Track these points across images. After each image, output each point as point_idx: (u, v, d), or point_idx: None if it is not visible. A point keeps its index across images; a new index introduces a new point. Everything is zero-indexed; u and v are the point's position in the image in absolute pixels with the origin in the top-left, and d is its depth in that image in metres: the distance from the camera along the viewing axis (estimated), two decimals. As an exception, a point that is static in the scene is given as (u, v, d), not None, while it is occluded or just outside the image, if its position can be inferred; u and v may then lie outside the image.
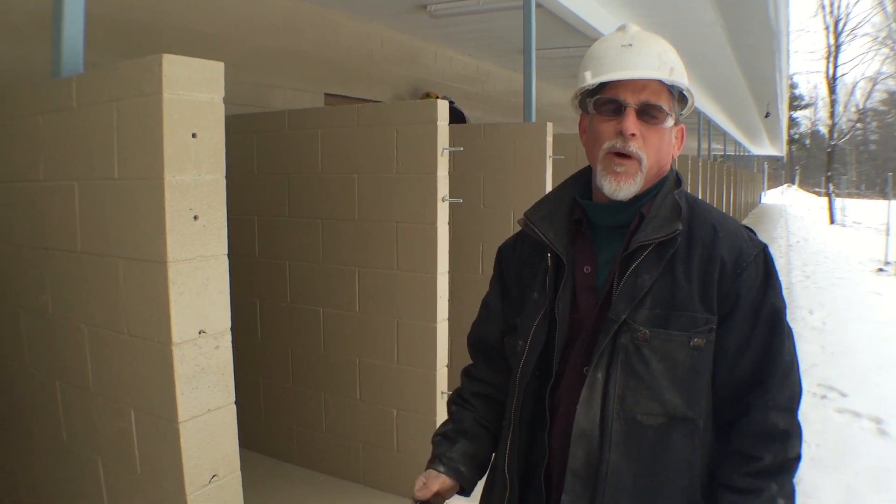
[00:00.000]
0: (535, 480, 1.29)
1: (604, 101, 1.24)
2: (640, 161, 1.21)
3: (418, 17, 5.51)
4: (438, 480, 1.35)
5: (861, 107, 25.37)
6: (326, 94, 5.24)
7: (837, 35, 21.84)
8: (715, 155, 19.45)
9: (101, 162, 1.85)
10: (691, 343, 1.17)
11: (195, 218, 1.76)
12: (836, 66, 21.98)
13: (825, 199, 21.80)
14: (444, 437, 1.44)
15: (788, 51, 8.15)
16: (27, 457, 2.39)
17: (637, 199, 1.25)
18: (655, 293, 1.19)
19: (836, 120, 22.25)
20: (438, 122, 2.94)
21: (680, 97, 1.29)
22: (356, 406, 3.33)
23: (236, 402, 1.92)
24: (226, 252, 1.86)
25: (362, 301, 3.26)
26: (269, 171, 3.45)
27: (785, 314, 1.22)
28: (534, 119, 4.34)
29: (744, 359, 1.19)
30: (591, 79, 1.25)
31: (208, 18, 4.00)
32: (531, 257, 1.36)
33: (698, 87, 11.64)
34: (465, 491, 1.39)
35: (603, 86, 1.24)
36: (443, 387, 3.14)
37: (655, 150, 1.23)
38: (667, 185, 1.27)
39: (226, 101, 1.80)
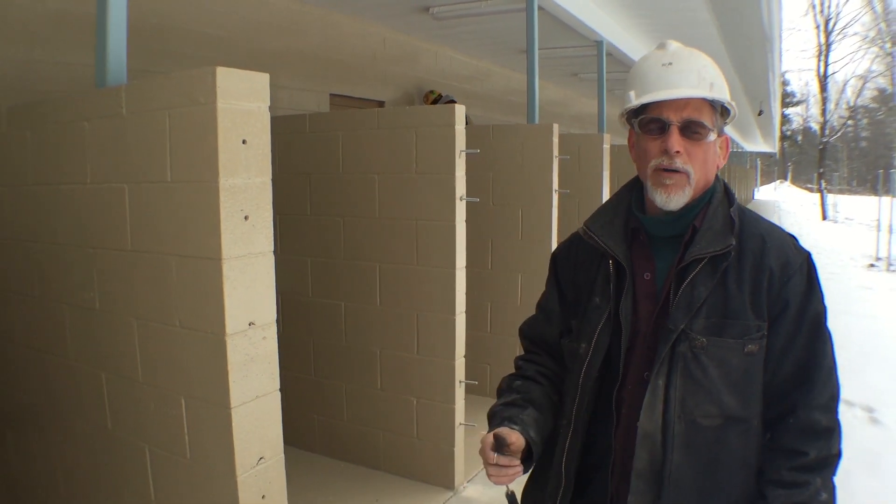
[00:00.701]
0: (595, 479, 1.37)
1: (648, 121, 1.31)
2: (688, 175, 1.29)
3: (420, 18, 5.62)
4: (514, 434, 1.29)
5: (852, 104, 25.59)
6: (331, 95, 5.34)
7: (828, 34, 22.07)
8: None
9: (152, 166, 1.97)
10: (745, 350, 1.25)
11: (245, 218, 1.89)
12: (826, 64, 22.27)
13: (817, 196, 22.00)
14: (511, 404, 1.41)
15: (781, 50, 8.29)
16: (67, 448, 2.50)
17: (688, 210, 1.32)
18: (710, 303, 1.26)
19: (828, 117, 22.46)
20: (456, 126, 3.07)
21: (723, 109, 1.35)
22: (377, 396, 3.47)
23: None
24: (272, 249, 1.99)
25: (383, 295, 3.39)
26: (290, 172, 3.57)
27: (826, 319, 1.29)
28: (537, 120, 4.47)
29: (788, 360, 1.27)
30: (634, 99, 1.32)
31: (214, 21, 4.08)
32: (586, 263, 1.43)
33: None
34: (530, 459, 1.35)
35: (647, 105, 1.31)
36: (461, 376, 3.28)
37: (701, 163, 1.30)
38: (716, 197, 1.34)
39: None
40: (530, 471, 1.45)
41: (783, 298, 1.26)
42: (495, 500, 3.34)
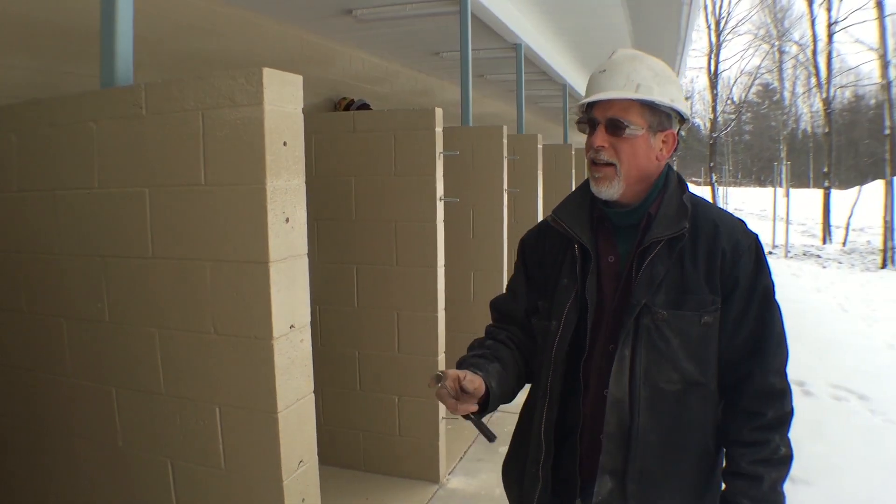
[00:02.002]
0: (567, 443, 1.51)
1: (585, 121, 1.49)
2: (615, 167, 1.43)
3: (342, 20, 5.59)
4: (477, 379, 1.40)
5: (738, 100, 27.60)
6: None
7: (719, 34, 23.69)
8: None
9: (181, 169, 1.91)
10: (702, 321, 1.39)
11: (286, 220, 1.88)
12: (717, 63, 23.85)
13: (707, 188, 23.53)
14: (479, 356, 1.52)
15: (686, 51, 8.90)
16: (60, 473, 2.37)
17: (644, 200, 1.47)
18: (669, 280, 1.40)
19: (717, 114, 24.13)
20: (436, 129, 3.14)
21: (676, 112, 1.48)
22: (358, 397, 3.47)
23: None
24: (307, 251, 1.99)
25: (361, 296, 3.40)
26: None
27: (774, 293, 1.45)
28: (471, 122, 4.60)
29: (742, 331, 1.41)
30: (578, 104, 1.51)
31: (139, 21, 3.85)
32: (554, 248, 1.56)
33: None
34: (482, 412, 1.43)
35: (589, 108, 1.47)
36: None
37: (629, 156, 1.43)
38: (670, 186, 1.48)
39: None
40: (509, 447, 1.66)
41: (734, 276, 1.41)
42: (480, 490, 3.44)
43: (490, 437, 1.38)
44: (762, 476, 1.37)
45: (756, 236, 1.47)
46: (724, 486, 1.45)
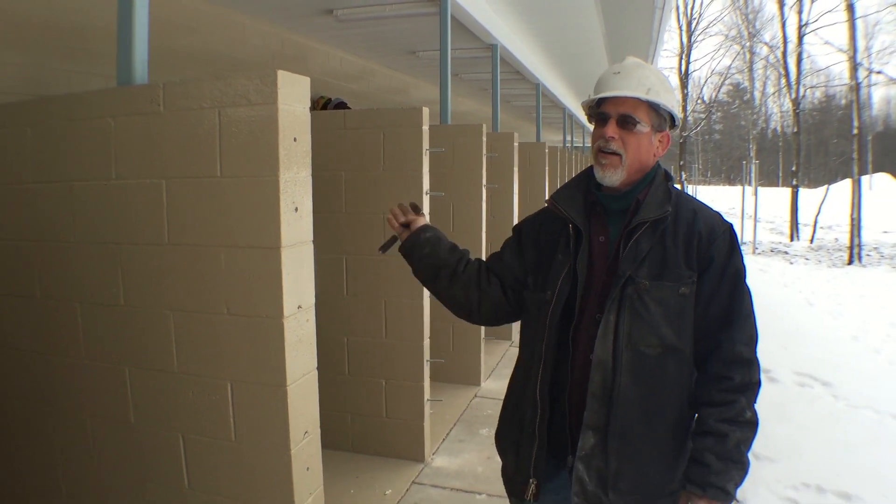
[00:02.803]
0: (558, 403, 1.64)
1: (597, 114, 1.66)
2: (620, 156, 1.61)
3: (323, 20, 5.72)
4: (427, 225, 1.85)
5: (708, 100, 28.11)
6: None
7: (690, 34, 24.14)
8: (577, 147, 20.89)
9: (198, 162, 2.08)
10: (679, 291, 1.57)
11: (296, 210, 2.06)
12: (688, 63, 24.31)
13: (678, 187, 23.99)
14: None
15: (658, 53, 9.16)
16: (73, 449, 2.50)
17: (633, 188, 1.65)
18: (652, 256, 1.58)
19: (688, 113, 24.58)
20: (423, 127, 3.33)
21: (670, 117, 1.68)
22: (345, 381, 3.65)
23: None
24: (312, 239, 2.16)
25: (350, 285, 3.57)
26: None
27: (745, 275, 1.63)
28: (449, 121, 4.78)
29: (714, 305, 1.59)
30: (589, 98, 1.69)
31: (107, 16, 3.91)
32: (551, 230, 1.74)
33: (564, 83, 12.63)
34: (409, 239, 1.87)
35: (601, 102, 1.65)
36: (427, 356, 3.54)
37: (634, 149, 1.61)
38: (658, 178, 1.66)
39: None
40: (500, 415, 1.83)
41: (710, 255, 1.58)
42: (463, 468, 3.64)
43: (385, 247, 1.96)
44: (727, 434, 1.53)
45: (731, 225, 1.66)
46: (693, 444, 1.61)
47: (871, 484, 3.61)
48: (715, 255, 1.59)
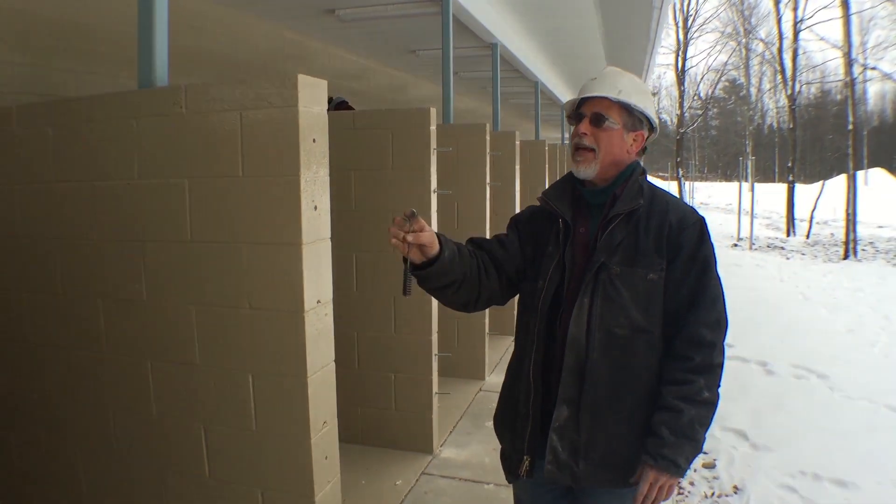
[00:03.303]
0: (548, 383, 1.75)
1: (574, 114, 1.81)
2: (594, 151, 1.75)
3: (325, 19, 5.78)
4: (433, 240, 1.61)
5: (705, 96, 28.24)
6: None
7: (686, 31, 24.24)
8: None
9: (220, 162, 2.15)
10: (648, 277, 1.69)
11: (315, 208, 2.14)
12: (685, 60, 24.42)
13: (674, 183, 24.10)
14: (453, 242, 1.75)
15: (655, 51, 9.25)
16: (93, 441, 2.58)
17: (612, 184, 1.78)
18: (625, 245, 1.71)
19: (684, 110, 24.70)
20: (431, 127, 3.41)
21: (648, 123, 1.82)
22: (354, 375, 3.73)
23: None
24: (329, 236, 2.24)
25: (360, 281, 3.65)
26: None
27: (714, 264, 1.74)
28: (452, 120, 4.85)
29: (682, 289, 1.70)
30: (570, 102, 1.84)
31: (116, 18, 3.82)
32: (543, 226, 1.85)
33: (562, 81, 12.71)
34: (419, 268, 1.64)
35: (580, 104, 1.80)
36: (435, 350, 3.63)
37: (605, 143, 1.75)
38: (634, 175, 1.79)
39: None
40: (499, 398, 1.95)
41: (679, 243, 1.70)
42: (471, 459, 3.72)
43: (406, 290, 1.61)
44: (682, 410, 1.63)
45: (702, 218, 1.77)
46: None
47: (866, 472, 3.71)
48: (684, 242, 1.71)
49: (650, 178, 1.88)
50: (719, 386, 1.71)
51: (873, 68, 17.83)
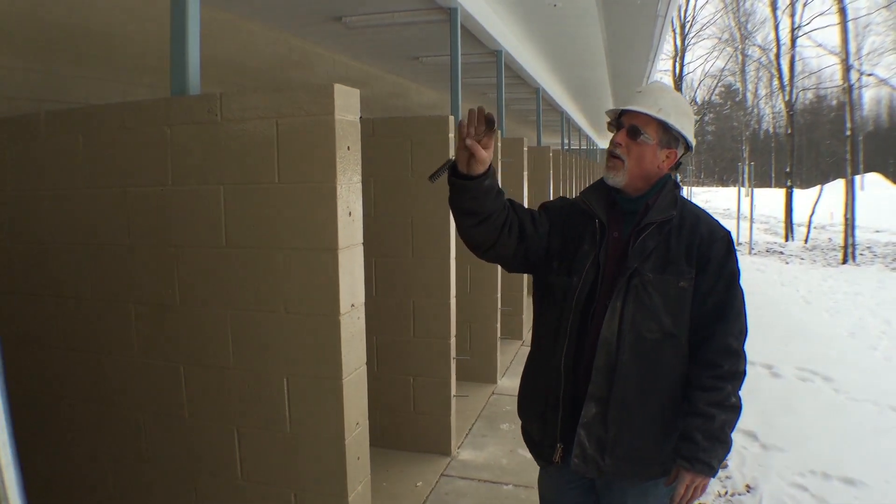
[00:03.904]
0: (576, 375, 1.83)
1: (614, 123, 1.89)
2: (623, 161, 1.81)
3: (331, 26, 5.82)
4: (488, 157, 1.67)
5: (701, 101, 28.40)
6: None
7: (684, 37, 24.40)
8: (573, 150, 21.03)
9: (256, 169, 2.20)
10: (679, 285, 1.76)
11: (349, 214, 2.19)
12: (682, 65, 24.58)
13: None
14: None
15: (657, 58, 9.34)
16: (120, 445, 2.61)
17: (645, 194, 1.85)
18: (657, 253, 1.78)
19: None
20: (449, 135, 3.47)
21: (685, 142, 1.88)
22: (373, 378, 3.76)
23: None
24: (362, 241, 2.30)
25: (379, 285, 3.70)
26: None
27: (739, 277, 1.82)
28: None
29: (710, 299, 1.78)
30: (613, 109, 1.91)
31: (126, 24, 3.96)
32: (577, 222, 1.90)
33: (563, 87, 12.79)
34: (460, 177, 1.71)
35: (623, 113, 1.86)
36: (453, 353, 3.68)
37: (636, 157, 1.81)
38: (667, 187, 1.86)
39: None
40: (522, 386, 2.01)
41: (708, 255, 1.78)
42: (489, 461, 3.77)
43: (434, 176, 1.69)
44: (714, 416, 1.71)
45: (729, 232, 1.85)
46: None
47: (874, 471, 3.78)
48: (713, 255, 1.79)
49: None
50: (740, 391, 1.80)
51: (870, 74, 17.97)
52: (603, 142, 35.00)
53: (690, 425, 1.75)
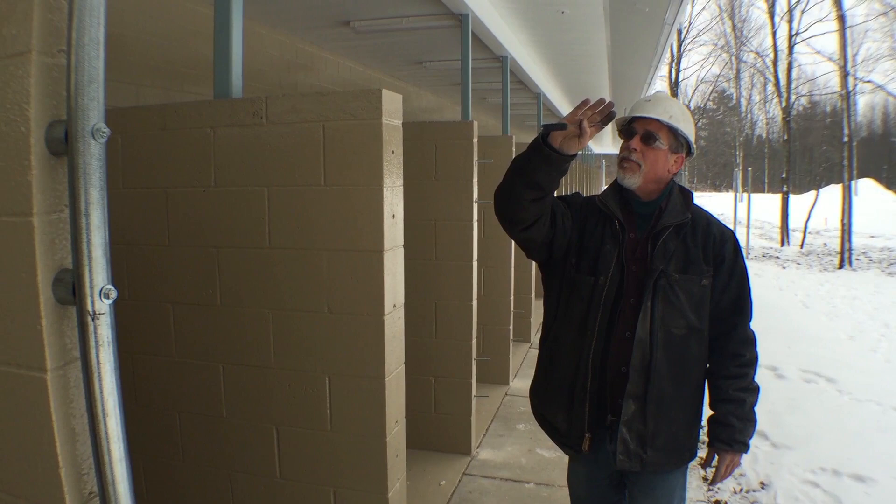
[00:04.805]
0: (602, 370, 1.94)
1: (627, 129, 1.98)
2: (639, 165, 1.93)
3: (339, 31, 5.85)
4: (580, 144, 1.80)
5: (696, 107, 28.62)
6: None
7: (680, 44, 24.58)
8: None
9: (301, 171, 2.24)
10: (701, 283, 1.93)
11: (393, 216, 2.24)
12: (678, 72, 24.76)
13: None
14: None
15: (660, 64, 9.42)
16: (158, 446, 2.64)
17: (657, 198, 1.98)
18: (678, 254, 1.92)
19: None
20: (473, 139, 3.52)
21: (687, 144, 1.99)
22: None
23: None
24: (403, 243, 2.34)
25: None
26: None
27: (748, 272, 2.01)
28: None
29: (727, 294, 1.97)
30: (623, 117, 2.00)
31: (129, 25, 3.91)
32: (595, 220, 2.01)
33: (563, 93, 12.87)
34: (551, 148, 1.78)
35: (632, 121, 1.97)
36: (475, 354, 3.73)
37: (651, 162, 1.93)
38: (675, 191, 2.00)
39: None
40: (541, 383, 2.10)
41: (722, 255, 1.95)
42: (508, 460, 3.82)
43: (548, 129, 1.79)
44: (744, 400, 1.95)
45: (734, 232, 2.04)
46: (713, 412, 2.01)
47: (882, 468, 3.88)
48: (726, 254, 1.96)
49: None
50: None
51: (867, 81, 18.15)
52: (598, 146, 35.27)
53: (724, 411, 1.96)
